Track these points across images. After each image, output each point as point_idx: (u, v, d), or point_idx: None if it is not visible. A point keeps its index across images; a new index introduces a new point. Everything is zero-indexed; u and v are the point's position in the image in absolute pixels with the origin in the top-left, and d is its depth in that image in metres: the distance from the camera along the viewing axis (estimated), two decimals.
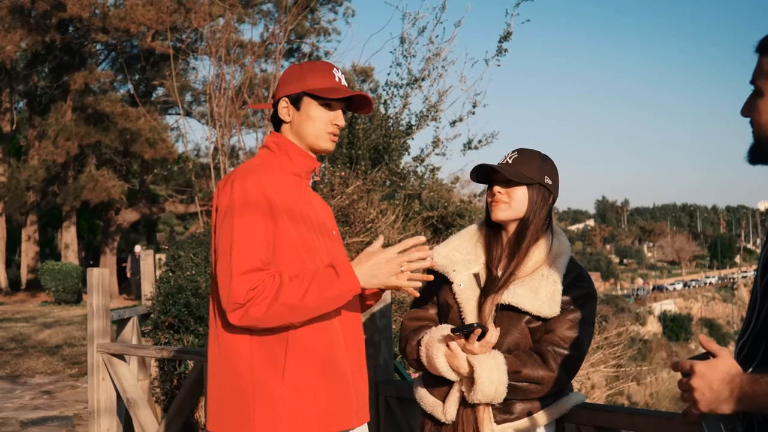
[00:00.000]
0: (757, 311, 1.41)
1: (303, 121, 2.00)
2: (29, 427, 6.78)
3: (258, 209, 1.86)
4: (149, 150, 21.28)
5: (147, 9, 19.26)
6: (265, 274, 1.83)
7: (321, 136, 2.01)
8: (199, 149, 22.86)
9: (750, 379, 1.28)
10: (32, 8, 19.61)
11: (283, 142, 2.02)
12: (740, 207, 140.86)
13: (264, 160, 2.02)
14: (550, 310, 2.00)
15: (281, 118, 2.03)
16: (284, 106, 2.02)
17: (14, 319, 15.89)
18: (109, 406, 4.70)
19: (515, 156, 2.14)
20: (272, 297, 1.80)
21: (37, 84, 24.41)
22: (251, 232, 1.84)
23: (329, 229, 2.06)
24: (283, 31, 9.63)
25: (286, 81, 2.03)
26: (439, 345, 2.01)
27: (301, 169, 2.02)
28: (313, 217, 2.00)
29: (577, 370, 2.05)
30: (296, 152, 2.01)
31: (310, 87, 1.98)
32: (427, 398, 2.10)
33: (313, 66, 2.04)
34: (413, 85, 9.44)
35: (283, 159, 2.01)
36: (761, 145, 1.44)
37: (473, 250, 2.17)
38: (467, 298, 2.07)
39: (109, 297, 4.76)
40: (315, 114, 2.00)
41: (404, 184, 9.17)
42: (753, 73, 1.45)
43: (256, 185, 1.88)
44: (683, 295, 66.60)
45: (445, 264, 2.15)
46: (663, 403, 19.64)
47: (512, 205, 2.09)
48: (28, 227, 24.41)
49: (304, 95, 2.00)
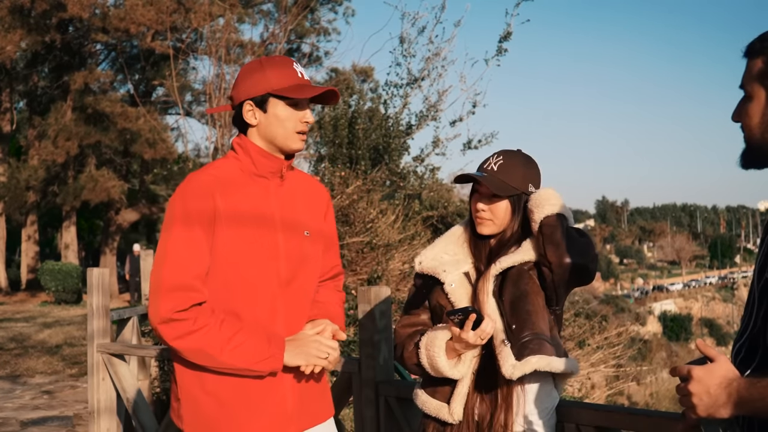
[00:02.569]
0: (755, 314, 1.41)
1: (271, 123, 1.93)
2: (29, 427, 6.78)
3: (199, 217, 1.85)
4: (149, 150, 21.27)
5: (147, 9, 19.26)
6: (196, 296, 1.83)
7: (290, 137, 1.95)
8: (199, 149, 22.87)
9: (747, 384, 1.27)
10: (32, 8, 19.61)
11: (246, 143, 1.96)
12: (740, 207, 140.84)
13: (225, 161, 1.98)
14: (535, 252, 1.99)
15: (247, 122, 1.95)
16: (249, 109, 1.93)
17: (14, 319, 15.89)
18: (109, 406, 4.70)
19: (500, 161, 2.09)
20: (195, 334, 1.81)
21: (37, 84, 24.41)
22: (186, 245, 1.84)
23: (300, 229, 2.00)
24: (283, 31, 9.63)
25: (246, 81, 1.93)
26: (440, 345, 2.00)
27: (265, 170, 1.96)
28: (278, 217, 1.95)
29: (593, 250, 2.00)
30: (258, 153, 1.95)
31: (275, 87, 1.90)
32: (431, 402, 2.09)
33: (272, 62, 1.95)
34: (413, 85, 9.45)
35: (245, 160, 1.96)
36: (752, 149, 1.45)
37: (460, 250, 2.16)
38: (460, 296, 2.07)
39: (109, 297, 4.76)
40: (283, 115, 1.93)
41: (404, 184, 9.18)
42: (742, 78, 1.45)
43: (194, 190, 1.87)
44: (683, 295, 66.62)
45: (435, 266, 2.13)
46: (663, 403, 19.64)
47: (496, 222, 2.08)
48: (28, 227, 24.41)
49: (269, 96, 1.92)
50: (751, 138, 1.44)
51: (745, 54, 1.44)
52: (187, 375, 1.91)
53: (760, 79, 1.41)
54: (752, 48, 1.43)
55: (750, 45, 1.44)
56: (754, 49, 1.43)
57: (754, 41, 1.43)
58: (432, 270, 2.12)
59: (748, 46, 1.44)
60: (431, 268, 2.13)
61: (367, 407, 3.07)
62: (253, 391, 1.90)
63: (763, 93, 1.41)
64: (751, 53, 1.43)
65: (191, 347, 1.81)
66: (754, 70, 1.42)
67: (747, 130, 1.45)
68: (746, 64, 1.44)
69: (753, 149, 1.44)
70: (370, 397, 3.05)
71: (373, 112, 9.36)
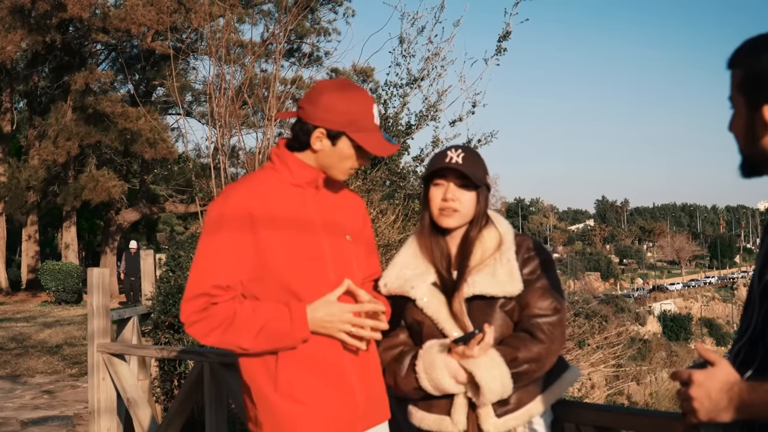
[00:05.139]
0: (755, 316, 1.41)
1: (333, 156, 1.95)
2: (29, 426, 6.79)
3: (231, 226, 1.89)
4: (149, 150, 21.27)
5: (147, 9, 19.27)
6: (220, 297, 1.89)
7: (345, 171, 1.99)
8: (199, 149, 22.84)
9: (749, 388, 1.27)
10: (32, 8, 19.60)
11: (285, 154, 1.98)
12: (740, 207, 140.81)
13: (262, 172, 2.00)
14: (514, 287, 2.00)
15: (311, 145, 1.94)
16: (318, 136, 1.92)
17: (14, 318, 15.89)
18: (109, 406, 4.70)
19: (462, 155, 2.08)
20: (218, 329, 1.88)
21: (37, 84, 24.42)
22: (210, 254, 1.91)
23: (341, 233, 2.02)
24: (283, 31, 9.63)
25: (328, 108, 1.90)
26: (441, 367, 1.98)
27: (302, 179, 1.97)
28: (318, 222, 1.97)
29: (565, 333, 2.06)
30: (297, 164, 1.97)
31: (354, 129, 1.91)
32: (429, 418, 2.06)
33: (357, 100, 1.93)
34: (412, 85, 9.45)
35: (282, 171, 1.97)
36: (746, 158, 1.45)
37: (421, 262, 2.12)
38: (436, 308, 2.05)
39: (109, 297, 4.76)
40: (347, 154, 1.95)
41: (404, 184, 9.17)
42: (729, 90, 1.46)
43: (234, 200, 1.91)
44: (683, 295, 66.63)
45: (400, 284, 2.09)
46: (663, 403, 19.64)
47: (462, 212, 2.07)
48: (29, 227, 24.42)
49: (344, 135, 1.92)
50: (742, 148, 1.45)
51: (728, 66, 1.45)
52: (259, 379, 1.93)
53: (739, 90, 1.42)
54: (732, 60, 1.44)
55: (730, 57, 1.44)
56: (733, 61, 1.44)
57: (732, 53, 1.44)
58: (399, 290, 2.09)
59: (729, 58, 1.45)
60: (398, 288, 2.09)
61: None
62: (325, 389, 1.91)
63: (743, 103, 1.42)
64: (731, 65, 1.44)
65: (220, 341, 1.89)
66: (735, 82, 1.43)
67: (737, 141, 1.46)
68: (730, 76, 1.45)
69: (746, 158, 1.45)
70: None
71: None
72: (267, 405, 1.92)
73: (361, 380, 1.98)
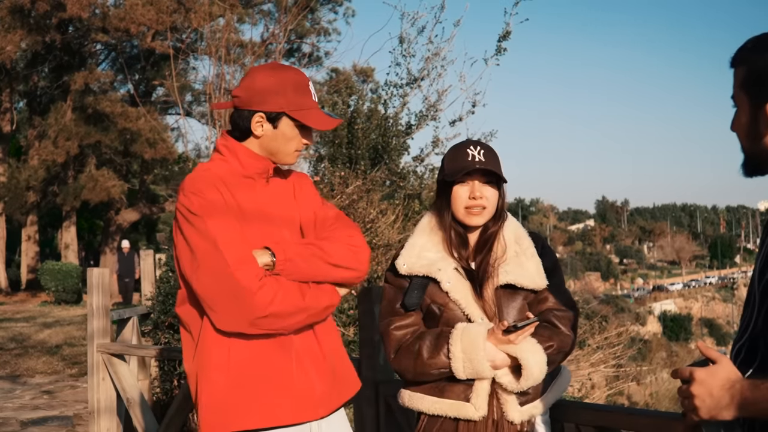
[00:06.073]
0: (755, 315, 1.41)
1: (276, 139, 1.94)
2: (29, 426, 6.78)
3: (223, 211, 1.86)
4: (149, 150, 21.27)
5: (147, 9, 19.26)
6: None
7: (291, 154, 1.98)
8: (199, 149, 22.79)
9: (750, 385, 1.27)
10: (32, 8, 19.60)
11: (233, 144, 1.96)
12: (740, 207, 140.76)
13: (213, 164, 1.98)
14: (543, 281, 2.08)
15: (252, 131, 1.94)
16: (258, 120, 1.92)
17: (14, 319, 15.89)
18: (109, 406, 4.70)
19: (483, 151, 2.09)
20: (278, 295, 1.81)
21: (37, 84, 24.41)
22: (229, 230, 1.83)
23: (295, 223, 2.02)
24: (283, 31, 9.64)
25: (262, 93, 1.90)
26: (482, 347, 1.96)
27: (252, 171, 1.96)
28: (276, 212, 1.97)
29: (577, 327, 2.15)
30: (246, 154, 1.95)
31: (292, 108, 1.91)
32: (443, 402, 2.03)
33: (292, 79, 1.94)
34: (413, 85, 9.45)
35: (233, 161, 1.96)
36: (748, 156, 1.46)
37: (441, 248, 2.12)
38: (463, 292, 2.05)
39: (109, 297, 4.76)
40: (290, 134, 1.94)
41: (404, 184, 9.18)
42: (732, 89, 1.46)
43: (210, 189, 1.86)
44: (683, 295, 66.66)
45: (425, 265, 2.09)
46: (663, 403, 19.63)
47: (489, 209, 2.09)
48: (28, 227, 24.41)
49: (284, 115, 1.92)
50: (744, 147, 1.46)
51: (731, 65, 1.46)
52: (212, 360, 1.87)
53: (742, 88, 1.42)
54: (735, 58, 1.45)
55: (733, 55, 1.45)
56: (736, 59, 1.44)
57: (736, 51, 1.45)
58: (424, 270, 2.09)
59: (732, 57, 1.45)
60: (423, 268, 2.09)
61: (367, 407, 3.07)
62: (274, 377, 1.88)
63: (745, 101, 1.42)
64: (734, 63, 1.45)
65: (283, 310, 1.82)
66: (738, 80, 1.43)
67: (740, 139, 1.46)
68: (733, 74, 1.45)
69: (748, 157, 1.45)
70: (369, 397, 3.05)
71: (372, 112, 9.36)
72: (213, 388, 1.87)
73: (319, 365, 1.95)
